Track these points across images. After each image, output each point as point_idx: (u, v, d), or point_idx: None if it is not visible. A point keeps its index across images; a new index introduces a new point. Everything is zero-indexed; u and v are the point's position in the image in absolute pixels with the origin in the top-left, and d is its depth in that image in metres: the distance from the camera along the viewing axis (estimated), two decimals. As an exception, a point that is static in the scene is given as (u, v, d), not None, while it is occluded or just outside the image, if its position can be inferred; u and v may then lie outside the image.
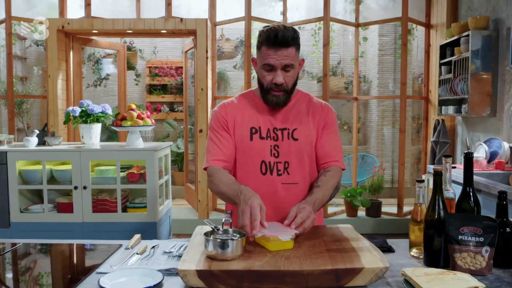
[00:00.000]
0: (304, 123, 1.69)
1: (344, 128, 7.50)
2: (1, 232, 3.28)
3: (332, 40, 5.92)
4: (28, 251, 1.54)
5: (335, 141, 1.73)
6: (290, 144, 1.67)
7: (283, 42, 1.54)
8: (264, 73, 1.61)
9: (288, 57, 1.56)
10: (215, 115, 1.74)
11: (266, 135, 1.68)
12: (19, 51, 7.18)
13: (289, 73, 1.60)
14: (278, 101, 1.63)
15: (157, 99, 7.75)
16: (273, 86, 1.61)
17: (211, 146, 1.71)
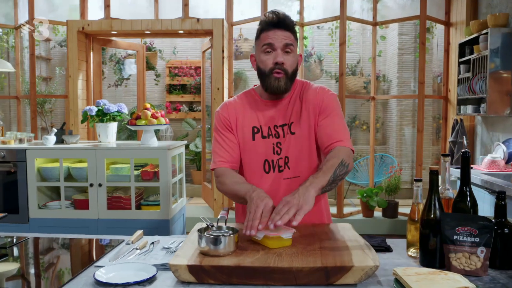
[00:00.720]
0: (300, 114, 1.67)
1: (363, 128, 7.43)
2: (20, 227, 3.39)
3: (349, 39, 5.87)
4: (34, 244, 1.59)
5: (336, 123, 1.64)
6: (290, 139, 1.66)
7: (283, 23, 1.57)
8: (264, 57, 1.60)
9: (288, 38, 1.58)
10: (218, 116, 1.74)
11: (267, 134, 1.67)
12: (44, 52, 7.37)
13: (289, 55, 1.59)
14: (279, 85, 1.59)
15: (177, 98, 7.84)
16: (274, 67, 1.58)
17: (216, 147, 1.71)
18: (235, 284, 1.16)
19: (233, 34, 5.13)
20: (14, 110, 6.52)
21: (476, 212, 1.32)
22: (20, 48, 5.26)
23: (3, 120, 6.80)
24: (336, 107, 1.67)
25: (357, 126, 7.48)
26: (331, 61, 6.88)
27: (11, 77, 6.50)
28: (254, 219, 1.33)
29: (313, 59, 7.01)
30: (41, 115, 6.95)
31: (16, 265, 1.40)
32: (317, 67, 6.99)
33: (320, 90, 1.70)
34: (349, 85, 7.00)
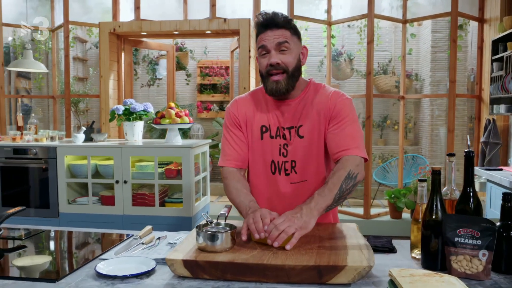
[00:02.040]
0: (310, 118, 1.62)
1: (395, 128, 7.28)
2: (51, 222, 3.53)
3: (378, 37, 5.77)
4: (46, 237, 1.66)
5: (346, 130, 1.57)
6: (297, 142, 1.63)
7: (272, 22, 1.54)
8: (261, 60, 1.58)
9: (280, 36, 1.54)
10: (228, 112, 1.73)
11: (275, 134, 1.65)
12: (80, 53, 7.63)
13: (285, 54, 1.55)
14: (279, 87, 1.56)
15: (208, 98, 7.94)
16: (270, 69, 1.55)
17: (225, 145, 1.71)
18: (229, 280, 1.18)
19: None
20: (52, 109, 6.78)
21: (479, 214, 1.28)
22: (56, 49, 5.47)
23: (41, 119, 7.10)
24: (349, 113, 1.60)
25: (389, 126, 7.34)
26: (362, 59, 6.78)
27: (48, 78, 6.77)
28: (256, 222, 1.34)
29: (343, 58, 6.93)
30: (76, 114, 7.20)
31: (26, 256, 1.46)
32: (347, 66, 6.91)
33: (333, 94, 1.63)
34: (380, 84, 6.89)
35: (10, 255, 1.46)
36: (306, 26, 5.33)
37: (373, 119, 7.30)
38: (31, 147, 3.56)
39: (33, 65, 4.04)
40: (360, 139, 1.60)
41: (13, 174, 3.63)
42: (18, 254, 1.47)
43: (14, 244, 1.57)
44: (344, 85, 7.36)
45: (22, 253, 1.48)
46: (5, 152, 3.61)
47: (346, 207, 5.78)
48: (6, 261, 1.39)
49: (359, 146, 1.56)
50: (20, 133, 3.73)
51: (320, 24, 5.15)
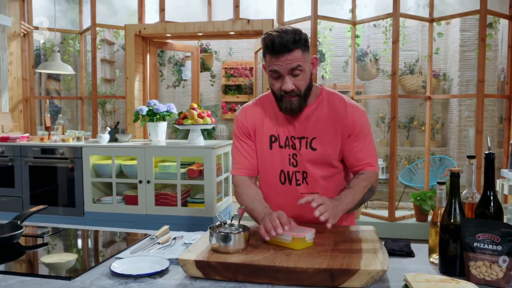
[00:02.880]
0: (324, 131, 1.60)
1: (422, 129, 7.13)
2: (76, 220, 3.61)
3: (404, 37, 5.67)
4: (65, 235, 1.70)
5: (367, 145, 1.62)
6: (309, 154, 1.60)
7: (283, 47, 1.45)
8: (273, 81, 1.54)
9: (293, 61, 1.47)
10: (237, 121, 1.71)
11: (284, 144, 1.63)
12: (108, 55, 7.79)
13: (298, 77, 1.50)
14: (293, 107, 1.54)
15: (232, 99, 7.98)
16: (283, 93, 1.52)
17: (235, 153, 1.70)
18: (240, 281, 1.18)
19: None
20: (80, 110, 6.94)
21: (500, 219, 1.24)
22: (84, 52, 5.60)
23: (70, 120, 7.28)
24: (366, 127, 1.64)
25: (415, 126, 7.20)
26: (387, 59, 6.67)
27: (77, 80, 6.93)
28: (273, 220, 1.33)
29: (369, 58, 6.84)
30: (103, 115, 7.35)
31: (55, 253, 1.50)
32: (373, 66, 6.82)
33: (350, 109, 1.61)
34: (406, 84, 6.77)
35: (39, 251, 1.50)
36: (330, 26, 5.28)
37: (399, 120, 7.19)
38: (58, 147, 3.65)
39: (60, 67, 4.15)
40: (376, 151, 1.68)
41: (41, 173, 3.73)
42: (47, 251, 1.51)
43: (36, 242, 1.61)
44: (370, 85, 7.27)
45: (51, 250, 1.52)
46: (34, 152, 3.71)
47: (371, 209, 5.70)
48: (35, 258, 1.43)
49: (377, 161, 1.66)
50: (47, 133, 3.83)
51: (345, 24, 5.10)
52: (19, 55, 5.10)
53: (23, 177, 3.74)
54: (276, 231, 1.30)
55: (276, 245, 1.33)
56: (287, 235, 1.30)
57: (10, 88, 4.87)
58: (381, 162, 6.28)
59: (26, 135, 3.92)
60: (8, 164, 3.77)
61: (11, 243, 1.51)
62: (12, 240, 1.51)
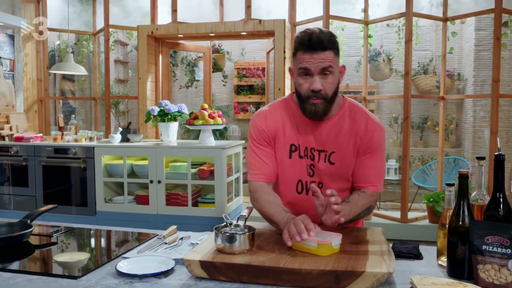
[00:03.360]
0: (343, 146, 1.58)
1: (436, 129, 7.05)
2: (88, 219, 3.65)
3: (417, 36, 5.61)
4: (75, 234, 1.72)
5: (378, 164, 1.61)
6: (326, 167, 1.59)
7: (319, 44, 1.44)
8: (301, 81, 1.51)
9: (325, 60, 1.45)
10: (255, 126, 1.65)
11: (304, 154, 1.61)
12: (121, 56, 7.85)
13: (327, 79, 1.48)
14: (317, 110, 1.51)
15: (244, 99, 7.98)
16: (310, 94, 1.49)
17: (252, 158, 1.64)
18: (245, 282, 1.18)
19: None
20: (94, 111, 7.01)
21: (510, 221, 1.21)
22: (97, 52, 5.65)
23: (84, 120, 7.36)
24: (381, 146, 1.62)
25: (429, 127, 7.12)
26: (400, 59, 6.61)
27: (91, 80, 7.00)
28: (297, 225, 1.29)
29: (382, 58, 6.79)
30: (116, 115, 7.41)
31: (68, 252, 1.51)
32: (386, 66, 6.76)
33: (371, 126, 1.59)
34: (420, 84, 6.69)
35: (50, 250, 1.52)
36: (342, 26, 5.25)
37: (412, 120, 7.12)
38: (71, 147, 3.70)
39: (73, 68, 4.20)
40: (384, 173, 1.67)
41: (54, 173, 3.78)
42: (61, 250, 1.53)
43: (49, 240, 1.63)
44: (383, 85, 7.21)
45: (65, 249, 1.54)
46: (47, 152, 3.76)
47: (383, 210, 5.66)
48: (48, 257, 1.46)
49: (382, 183, 1.64)
50: (61, 133, 3.87)
51: (357, 23, 5.06)
52: (34, 56, 5.18)
53: (37, 177, 3.80)
54: (301, 236, 1.26)
55: (299, 250, 1.28)
56: (312, 241, 1.25)
57: (25, 89, 4.94)
58: (394, 163, 6.22)
59: (40, 135, 3.98)
60: (22, 164, 3.82)
61: (21, 242, 1.53)
62: (21, 238, 1.53)
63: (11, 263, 1.36)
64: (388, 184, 6.55)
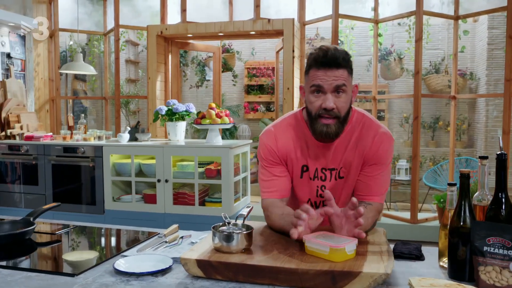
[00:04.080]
0: (350, 158, 1.56)
1: (447, 129, 6.96)
2: (97, 218, 3.67)
3: (428, 35, 5.54)
4: (76, 232, 1.73)
5: (383, 175, 1.57)
6: (337, 184, 1.59)
7: (333, 61, 1.41)
8: (313, 98, 1.47)
9: (339, 78, 1.42)
10: (265, 147, 1.60)
11: (314, 175, 1.59)
12: (133, 56, 7.90)
13: (341, 97, 1.45)
14: (329, 132, 1.46)
15: (254, 99, 7.97)
16: (322, 112, 1.45)
17: (264, 177, 1.61)
18: (241, 281, 1.17)
19: (306, 34, 5.10)
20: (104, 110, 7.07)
21: (512, 222, 1.19)
22: (108, 52, 5.69)
23: (96, 120, 7.42)
24: (388, 158, 1.57)
25: (441, 127, 7.03)
26: (411, 58, 6.55)
27: (102, 80, 7.06)
28: (297, 213, 1.28)
29: (393, 57, 6.72)
30: (126, 115, 7.46)
31: (79, 250, 1.52)
32: (397, 66, 6.70)
33: (378, 138, 1.55)
34: (431, 83, 6.62)
35: (56, 247, 1.53)
36: (352, 25, 5.21)
37: (424, 120, 7.04)
38: (80, 146, 3.73)
39: (83, 68, 4.24)
40: (388, 185, 1.62)
41: (63, 172, 3.82)
42: (72, 248, 1.55)
43: (61, 238, 1.64)
44: (394, 85, 7.14)
45: (67, 247, 1.55)
46: (56, 151, 3.80)
47: (393, 210, 5.60)
48: (52, 253, 1.47)
49: (385, 194, 1.61)
50: (70, 132, 3.91)
51: (367, 22, 5.02)
52: (46, 56, 5.23)
53: (46, 175, 3.84)
54: (300, 217, 1.25)
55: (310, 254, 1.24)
56: (324, 246, 1.19)
57: (37, 89, 5.00)
58: (404, 163, 6.16)
59: (49, 134, 4.02)
60: (32, 163, 3.87)
61: (23, 239, 1.54)
62: (24, 236, 1.54)
63: (12, 260, 1.37)
64: (398, 184, 6.48)
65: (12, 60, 4.38)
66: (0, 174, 3.98)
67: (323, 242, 1.20)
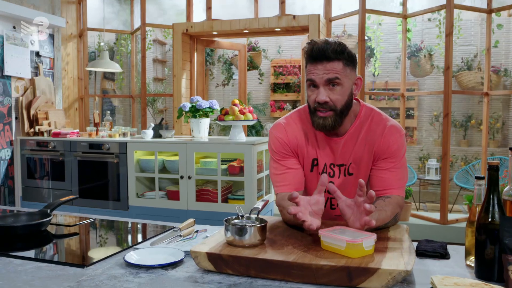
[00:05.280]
0: (359, 154, 1.52)
1: (480, 128, 6.72)
2: (121, 214, 3.70)
3: (459, 30, 5.35)
4: (93, 225, 1.72)
5: (398, 168, 1.51)
6: (346, 180, 1.54)
7: (323, 54, 1.39)
8: (309, 92, 1.46)
9: (331, 71, 1.40)
10: (276, 139, 1.57)
11: (322, 171, 1.55)
12: (160, 55, 7.98)
13: (335, 90, 1.42)
14: (325, 124, 1.44)
15: (281, 97, 7.91)
16: (317, 106, 1.43)
17: (275, 171, 1.57)
18: (252, 276, 1.12)
19: (333, 31, 5.01)
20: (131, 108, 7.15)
21: (546, 218, 1.10)
22: (135, 51, 5.75)
23: (124, 118, 7.52)
24: (400, 151, 1.51)
25: (473, 125, 6.80)
26: (441, 54, 6.35)
27: (129, 79, 7.15)
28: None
29: (423, 53, 6.54)
30: (152, 113, 7.53)
31: (74, 239, 1.52)
32: (427, 63, 6.51)
33: (387, 131, 1.50)
34: (463, 80, 6.40)
35: (74, 239, 1.53)
36: (379, 21, 5.08)
37: (456, 118, 6.81)
38: (105, 142, 3.76)
39: (108, 65, 4.28)
40: (406, 177, 1.54)
41: (88, 168, 3.86)
42: (100, 245, 1.54)
43: (67, 231, 1.64)
44: (424, 82, 6.95)
45: (103, 244, 1.54)
46: (82, 147, 3.85)
47: (422, 211, 5.44)
48: (67, 245, 1.46)
49: (404, 186, 1.53)
50: (95, 129, 3.95)
51: (395, 17, 4.89)
52: (76, 55, 5.33)
53: (72, 171, 3.89)
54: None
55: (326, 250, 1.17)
56: (341, 241, 1.13)
57: (67, 87, 5.09)
58: (434, 162, 5.97)
59: (76, 131, 4.08)
60: (59, 159, 3.93)
61: (40, 230, 1.54)
62: (40, 227, 1.54)
63: (27, 251, 1.37)
64: (428, 184, 6.30)
65: (41, 58, 4.47)
66: (29, 169, 4.07)
67: (339, 236, 1.14)
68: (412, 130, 7.05)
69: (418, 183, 6.06)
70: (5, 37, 4.01)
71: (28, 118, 4.15)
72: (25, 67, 4.21)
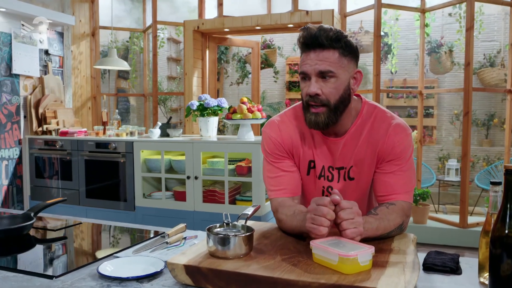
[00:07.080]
0: (363, 156, 1.38)
1: (503, 127, 6.45)
2: (128, 214, 3.62)
3: (481, 24, 5.12)
4: (79, 230, 1.62)
5: (404, 171, 1.36)
6: (346, 185, 1.40)
7: (315, 41, 1.25)
8: (302, 85, 1.33)
9: (324, 62, 1.26)
10: (269, 139, 1.44)
11: (320, 174, 1.41)
12: (174, 53, 7.92)
13: (328, 83, 1.28)
14: (318, 121, 1.30)
15: (296, 95, 7.76)
16: (308, 99, 1.30)
17: (269, 173, 1.44)
18: (234, 293, 1.00)
19: (348, 27, 4.85)
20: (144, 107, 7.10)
21: None
22: (147, 49, 5.69)
23: (138, 117, 7.49)
24: (406, 152, 1.37)
25: (496, 125, 6.53)
26: (461, 50, 6.11)
27: (142, 77, 7.11)
28: (321, 216, 1.11)
29: (443, 50, 6.30)
30: (164, 111, 7.48)
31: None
32: (447, 59, 6.27)
33: (392, 130, 1.36)
34: (485, 78, 6.14)
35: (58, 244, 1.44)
36: (397, 15, 4.89)
37: (477, 117, 6.55)
38: (111, 141, 3.69)
39: (116, 63, 4.22)
40: (414, 181, 1.40)
41: (95, 167, 3.80)
42: (65, 244, 1.44)
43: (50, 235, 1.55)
44: (444, 79, 6.70)
45: (68, 244, 1.45)
46: (89, 146, 3.79)
47: (441, 213, 5.23)
48: (47, 251, 1.37)
49: (411, 191, 1.38)
50: (103, 128, 3.89)
51: (413, 12, 4.70)
52: (88, 54, 5.29)
53: (80, 171, 3.84)
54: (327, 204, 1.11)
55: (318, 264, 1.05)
56: (333, 254, 1.01)
57: (79, 86, 5.06)
58: (454, 163, 5.74)
59: (84, 130, 4.02)
60: (67, 158, 3.88)
61: (21, 235, 1.46)
62: (20, 231, 1.45)
63: (5, 257, 1.28)
64: (448, 185, 6.07)
65: (50, 56, 4.43)
66: (38, 169, 4.03)
67: (331, 249, 1.01)
68: (431, 129, 6.82)
69: (437, 184, 5.84)
70: (13, 35, 3.98)
71: (37, 117, 4.12)
72: (34, 65, 4.18)
